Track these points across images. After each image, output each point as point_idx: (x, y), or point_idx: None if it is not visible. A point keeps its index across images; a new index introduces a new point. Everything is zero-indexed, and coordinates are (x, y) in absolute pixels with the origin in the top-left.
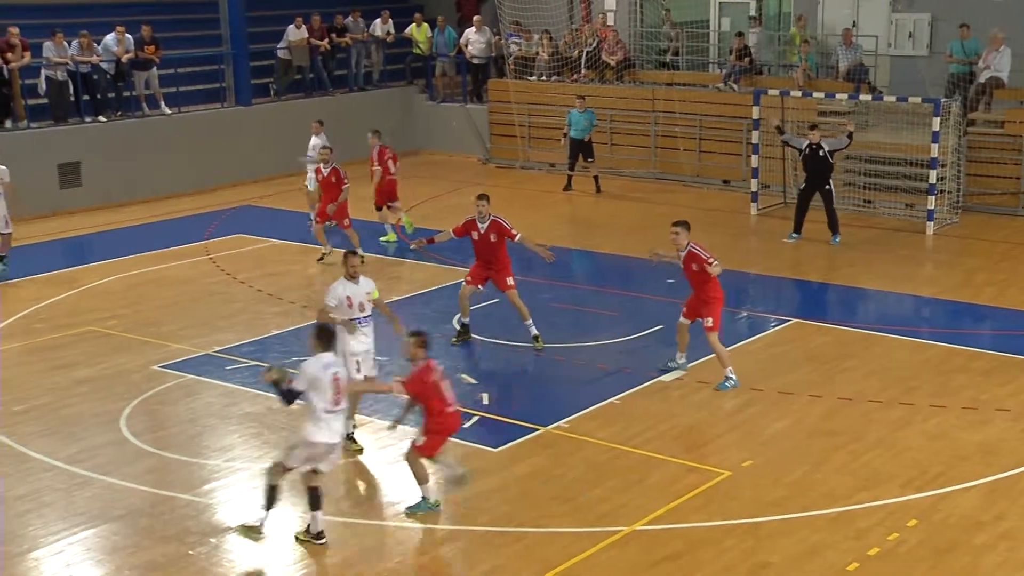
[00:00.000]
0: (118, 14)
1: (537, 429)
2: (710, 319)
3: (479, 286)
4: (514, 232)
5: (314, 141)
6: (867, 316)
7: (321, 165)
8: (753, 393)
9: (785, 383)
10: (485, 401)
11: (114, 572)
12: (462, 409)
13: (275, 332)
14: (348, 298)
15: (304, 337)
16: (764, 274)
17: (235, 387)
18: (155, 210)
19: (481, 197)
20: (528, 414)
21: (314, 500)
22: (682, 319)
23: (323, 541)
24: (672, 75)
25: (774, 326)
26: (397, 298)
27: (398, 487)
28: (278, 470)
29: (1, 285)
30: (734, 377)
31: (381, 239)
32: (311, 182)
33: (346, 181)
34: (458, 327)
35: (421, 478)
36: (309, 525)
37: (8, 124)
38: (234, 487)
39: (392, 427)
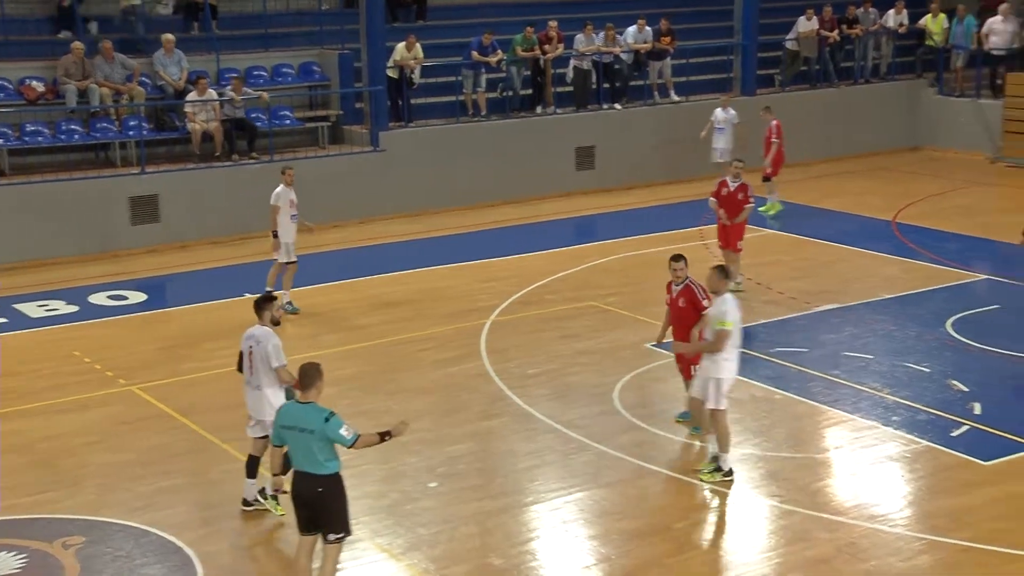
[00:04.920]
0: (642, 7)
1: None
2: None
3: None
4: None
5: None
6: None
7: (729, 179)
8: None
9: None
10: (976, 411)
11: (603, 535)
12: (951, 417)
13: (761, 321)
14: None
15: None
16: None
17: None
18: (656, 195)
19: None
20: None
21: None
22: None
23: None
24: None
25: None
26: (887, 296)
27: (874, 488)
28: None
29: (527, 256)
30: None
31: (760, 209)
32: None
33: (751, 200)
34: None
35: None
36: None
37: (538, 110)
38: None
39: None
